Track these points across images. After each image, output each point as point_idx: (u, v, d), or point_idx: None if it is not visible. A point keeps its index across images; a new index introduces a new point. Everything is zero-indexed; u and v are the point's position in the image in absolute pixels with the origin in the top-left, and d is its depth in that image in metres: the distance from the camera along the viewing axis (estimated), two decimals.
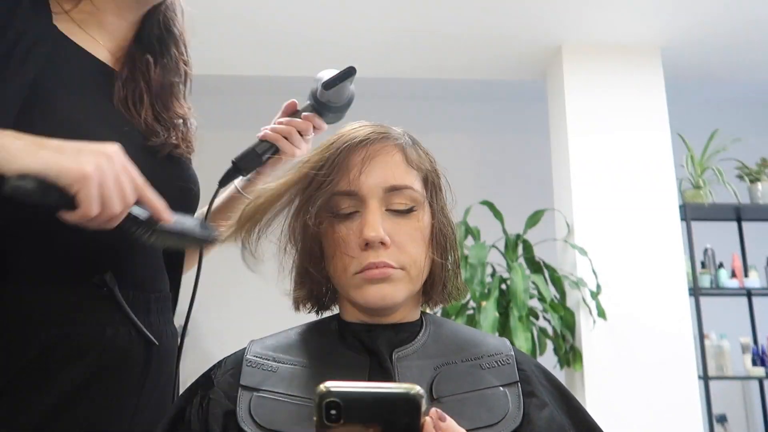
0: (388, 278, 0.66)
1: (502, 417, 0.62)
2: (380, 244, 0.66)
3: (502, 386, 0.65)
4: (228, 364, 0.70)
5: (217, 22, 3.27)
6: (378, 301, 0.66)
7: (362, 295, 0.66)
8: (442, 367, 0.66)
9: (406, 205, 0.69)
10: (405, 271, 0.67)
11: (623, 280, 3.12)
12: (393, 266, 0.66)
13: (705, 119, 3.96)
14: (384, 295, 0.66)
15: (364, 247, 0.66)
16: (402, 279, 0.67)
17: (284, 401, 0.63)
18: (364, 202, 0.68)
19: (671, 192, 3.28)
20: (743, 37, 3.39)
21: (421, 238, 0.70)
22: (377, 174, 0.68)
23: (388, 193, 0.68)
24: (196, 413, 0.65)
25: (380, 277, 0.66)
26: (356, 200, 0.68)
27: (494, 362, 0.68)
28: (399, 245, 0.67)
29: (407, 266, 0.68)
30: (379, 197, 0.68)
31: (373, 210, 0.67)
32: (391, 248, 0.67)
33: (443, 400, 0.63)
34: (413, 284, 0.69)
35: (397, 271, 0.67)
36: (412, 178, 0.71)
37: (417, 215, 0.70)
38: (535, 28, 3.33)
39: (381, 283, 0.66)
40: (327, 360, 0.67)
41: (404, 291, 0.68)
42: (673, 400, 2.98)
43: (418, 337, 0.69)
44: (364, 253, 0.66)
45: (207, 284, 1.06)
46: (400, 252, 0.67)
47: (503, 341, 0.72)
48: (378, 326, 0.69)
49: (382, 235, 0.66)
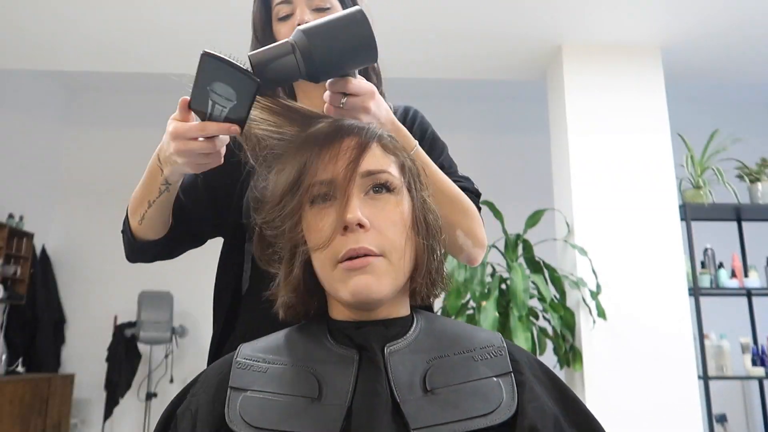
0: (370, 267, 0.65)
1: (497, 406, 0.62)
2: (359, 227, 0.65)
3: (495, 377, 0.65)
4: (216, 368, 0.70)
5: (219, 22, 3.27)
6: (363, 292, 0.65)
7: (347, 288, 0.66)
8: (434, 360, 0.66)
9: (385, 189, 0.69)
10: (386, 258, 0.67)
11: (623, 280, 3.12)
12: (374, 252, 0.66)
13: (705, 119, 3.97)
14: (368, 284, 0.65)
15: (342, 231, 0.66)
16: (384, 269, 0.66)
17: (273, 400, 0.63)
18: (342, 188, 0.68)
19: (671, 192, 3.28)
20: (743, 38, 3.39)
21: (401, 222, 0.69)
22: (353, 159, 0.68)
23: (365, 178, 0.68)
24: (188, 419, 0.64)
25: (361, 266, 0.65)
26: (333, 187, 0.68)
27: (486, 354, 0.67)
28: (378, 229, 0.67)
29: (387, 251, 0.67)
30: (356, 182, 0.68)
31: (350, 194, 0.67)
32: (371, 231, 0.66)
33: (437, 391, 0.62)
34: (396, 273, 0.68)
35: (378, 258, 0.66)
36: (389, 163, 0.71)
37: (395, 199, 0.70)
38: (535, 28, 3.33)
39: (364, 274, 0.65)
40: (316, 357, 0.67)
41: (388, 284, 0.67)
42: (673, 399, 2.98)
43: (409, 332, 0.69)
44: (344, 239, 0.66)
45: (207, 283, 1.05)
46: (380, 236, 0.67)
47: (495, 334, 0.72)
48: (368, 323, 0.69)
49: (359, 217, 0.65)
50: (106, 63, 3.83)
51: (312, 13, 0.97)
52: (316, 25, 0.75)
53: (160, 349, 4.41)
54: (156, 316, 4.26)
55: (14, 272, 4.19)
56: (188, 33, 3.40)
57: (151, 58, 3.72)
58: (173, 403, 0.68)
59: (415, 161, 0.76)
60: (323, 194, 0.69)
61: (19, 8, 3.19)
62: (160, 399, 4.30)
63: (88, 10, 3.21)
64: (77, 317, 4.59)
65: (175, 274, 4.59)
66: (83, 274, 4.66)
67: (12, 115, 4.48)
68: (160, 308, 4.30)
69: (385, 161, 0.71)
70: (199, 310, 4.56)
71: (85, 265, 4.68)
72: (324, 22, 0.75)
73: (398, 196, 0.70)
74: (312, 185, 0.69)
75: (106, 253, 4.72)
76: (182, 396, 0.68)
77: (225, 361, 0.70)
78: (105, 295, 4.60)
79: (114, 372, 4.22)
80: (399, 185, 0.71)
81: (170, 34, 3.42)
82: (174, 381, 4.29)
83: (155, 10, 3.19)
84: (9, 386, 3.72)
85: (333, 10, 0.98)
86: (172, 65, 3.80)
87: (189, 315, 4.52)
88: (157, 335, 4.23)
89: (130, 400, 4.31)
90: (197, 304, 4.55)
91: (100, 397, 4.29)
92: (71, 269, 4.67)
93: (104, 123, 4.99)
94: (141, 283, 4.44)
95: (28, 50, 3.66)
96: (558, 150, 3.50)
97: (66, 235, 4.76)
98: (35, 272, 4.40)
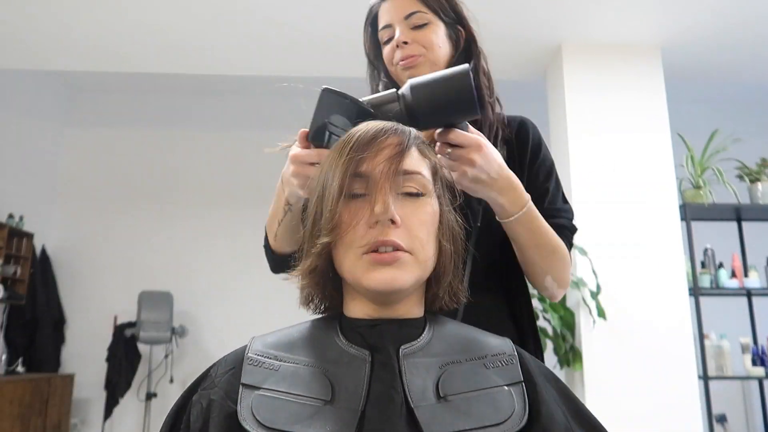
0: (397, 261, 0.66)
1: (509, 416, 0.62)
2: (390, 222, 0.67)
3: (506, 386, 0.65)
4: (228, 362, 0.70)
5: (220, 22, 3.27)
6: (386, 285, 0.66)
7: (370, 278, 0.66)
8: (447, 366, 0.66)
9: (417, 189, 0.70)
10: (413, 255, 0.68)
11: (623, 280, 3.12)
12: (402, 248, 0.67)
13: (705, 119, 3.97)
14: (394, 277, 0.66)
15: (373, 225, 0.67)
16: (410, 263, 0.67)
17: (286, 400, 0.62)
18: (376, 183, 0.68)
19: (671, 192, 3.28)
20: (743, 37, 3.39)
21: (431, 224, 0.70)
22: (390, 159, 0.70)
23: (400, 177, 0.69)
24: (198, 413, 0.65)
25: (389, 261, 0.66)
26: (368, 182, 0.69)
27: (498, 362, 0.68)
28: (408, 227, 0.68)
29: (415, 250, 0.68)
30: (390, 180, 0.68)
31: (384, 191, 0.68)
32: (401, 228, 0.67)
33: (450, 398, 0.63)
34: (421, 270, 0.69)
35: (406, 254, 0.67)
36: (424, 166, 0.73)
37: (427, 201, 0.71)
38: (535, 28, 3.33)
39: (389, 267, 0.66)
40: (328, 357, 0.67)
41: (412, 276, 0.67)
42: (673, 399, 2.98)
43: (423, 335, 0.69)
44: (373, 231, 0.67)
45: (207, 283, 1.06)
46: (409, 234, 0.68)
47: (505, 341, 0.72)
48: (382, 321, 0.69)
49: (392, 212, 0.66)
50: (106, 63, 3.83)
51: (411, 31, 1.05)
52: (422, 81, 0.84)
53: (160, 349, 4.41)
54: (156, 316, 4.26)
55: (14, 272, 4.19)
56: (188, 33, 3.40)
57: (151, 58, 3.72)
58: (183, 396, 0.68)
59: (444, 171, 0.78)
60: (358, 188, 0.69)
61: (19, 8, 3.19)
62: (160, 399, 4.30)
63: (88, 11, 3.21)
64: (77, 317, 4.59)
65: (175, 274, 4.60)
66: (83, 274, 4.66)
67: (12, 115, 4.48)
68: (160, 308, 4.30)
69: (420, 164, 0.72)
70: (199, 310, 4.57)
71: (85, 265, 4.68)
72: (430, 77, 0.84)
73: (429, 198, 0.72)
74: (350, 178, 0.69)
75: (106, 253, 4.73)
76: (193, 389, 0.68)
77: (236, 355, 0.70)
78: (105, 295, 4.60)
79: (114, 372, 4.22)
80: (431, 189, 0.72)
81: (170, 34, 3.42)
82: (174, 381, 4.29)
83: (155, 10, 3.19)
84: (9, 386, 3.72)
85: (431, 26, 1.05)
86: (172, 65, 3.80)
87: (189, 315, 4.52)
88: (157, 335, 4.23)
89: (130, 400, 4.31)
90: (197, 304, 4.55)
91: (100, 397, 4.29)
92: (71, 269, 4.67)
93: (104, 123, 5.00)
94: (141, 283, 4.44)
95: (28, 50, 3.66)
96: (558, 150, 3.50)
97: (66, 235, 4.76)
98: (35, 272, 4.40)
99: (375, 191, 0.68)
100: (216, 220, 4.73)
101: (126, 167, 4.87)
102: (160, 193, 4.81)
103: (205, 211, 4.76)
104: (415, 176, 0.71)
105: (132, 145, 4.94)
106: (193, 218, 4.75)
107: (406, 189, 0.70)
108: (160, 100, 5.01)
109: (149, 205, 4.78)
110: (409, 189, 0.70)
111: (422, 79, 0.84)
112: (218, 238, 4.67)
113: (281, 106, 4.97)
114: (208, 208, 4.78)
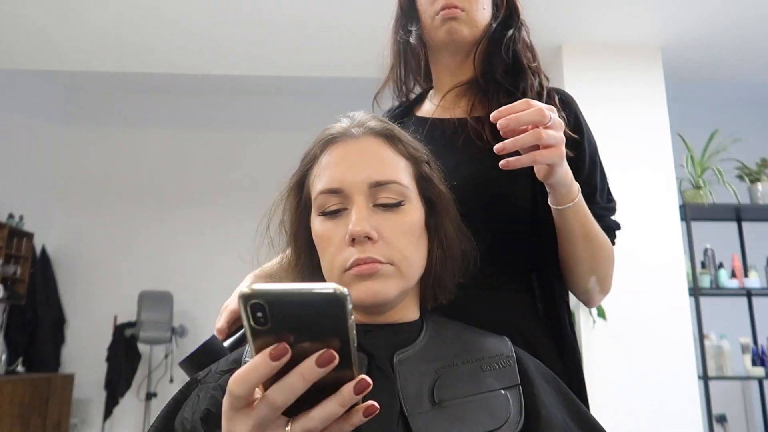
0: (377, 273, 0.65)
1: (504, 421, 0.62)
2: (367, 239, 0.65)
3: (503, 389, 0.65)
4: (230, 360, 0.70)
5: (220, 21, 3.27)
6: (369, 298, 0.64)
7: (354, 293, 0.65)
8: (442, 370, 0.65)
9: (394, 199, 0.68)
10: (394, 266, 0.66)
11: (623, 281, 3.11)
12: (381, 261, 0.65)
13: (705, 119, 3.96)
14: (375, 291, 0.64)
15: (350, 243, 0.65)
16: (392, 274, 0.66)
17: None
18: (350, 198, 0.67)
19: (671, 192, 3.28)
20: (743, 38, 3.39)
21: (410, 232, 0.68)
22: (361, 169, 0.67)
23: (373, 189, 0.67)
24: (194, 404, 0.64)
25: (369, 272, 0.64)
26: (342, 197, 0.67)
27: (495, 364, 0.67)
28: (387, 240, 0.66)
29: (396, 261, 0.66)
30: (364, 193, 0.66)
31: (359, 206, 0.66)
32: (379, 243, 0.65)
33: (444, 404, 0.62)
34: (405, 280, 0.67)
35: (386, 266, 0.65)
36: (398, 170, 0.69)
37: (405, 209, 0.68)
38: (535, 28, 3.32)
39: (370, 279, 0.65)
40: None
41: (396, 287, 0.66)
42: (673, 400, 2.98)
43: (418, 339, 0.68)
44: (351, 249, 0.65)
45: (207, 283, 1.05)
46: (389, 247, 0.66)
47: (504, 341, 0.71)
48: (375, 327, 0.68)
49: (367, 230, 0.64)
50: (106, 63, 3.83)
51: None
52: None
53: (160, 349, 4.41)
54: (156, 316, 4.26)
55: (14, 272, 4.19)
56: (188, 33, 3.40)
57: (152, 58, 3.72)
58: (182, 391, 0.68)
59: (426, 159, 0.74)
60: (334, 204, 0.68)
61: (19, 8, 3.19)
62: (160, 399, 4.30)
63: (88, 10, 3.21)
64: (77, 317, 4.59)
65: (175, 274, 4.59)
66: (83, 274, 4.66)
67: (12, 115, 4.48)
68: (160, 308, 4.30)
69: (394, 170, 0.69)
70: (199, 310, 4.56)
71: (85, 265, 4.68)
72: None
73: (407, 204, 0.69)
74: (320, 194, 0.68)
75: (106, 253, 4.73)
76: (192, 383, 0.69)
77: (238, 354, 0.70)
78: (105, 295, 4.60)
79: (114, 372, 4.22)
80: (409, 194, 0.69)
81: (170, 33, 3.42)
82: (174, 381, 4.29)
83: (155, 9, 3.19)
84: (9, 386, 3.72)
85: None
86: (172, 65, 3.80)
87: (189, 315, 4.51)
88: (157, 335, 4.23)
89: (129, 400, 4.31)
90: (197, 304, 4.55)
91: (100, 397, 4.29)
92: (71, 269, 4.67)
93: (104, 123, 4.99)
94: (141, 283, 4.44)
95: (28, 50, 3.66)
96: None
97: (66, 235, 4.76)
98: (35, 272, 4.40)
99: (351, 208, 0.66)
100: (216, 220, 4.73)
101: (126, 167, 4.86)
102: (161, 193, 4.81)
103: (206, 212, 4.76)
104: (390, 186, 0.67)
105: (132, 145, 4.94)
106: (194, 218, 4.75)
107: (381, 200, 0.67)
108: (161, 100, 5.01)
109: (149, 205, 4.77)
110: (385, 200, 0.67)
111: None
112: (218, 239, 4.66)
113: (281, 107, 4.98)
114: (209, 208, 4.78)
